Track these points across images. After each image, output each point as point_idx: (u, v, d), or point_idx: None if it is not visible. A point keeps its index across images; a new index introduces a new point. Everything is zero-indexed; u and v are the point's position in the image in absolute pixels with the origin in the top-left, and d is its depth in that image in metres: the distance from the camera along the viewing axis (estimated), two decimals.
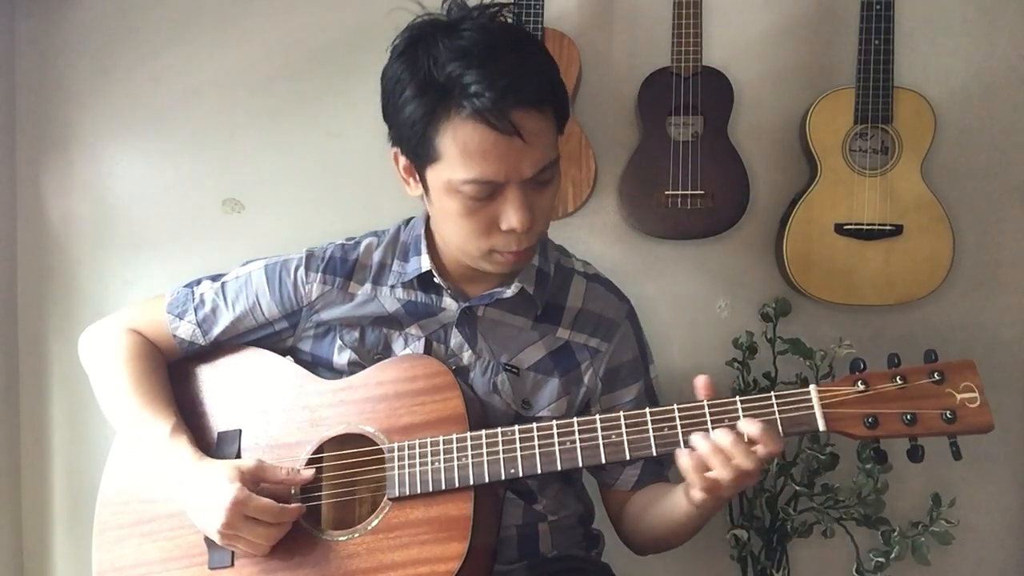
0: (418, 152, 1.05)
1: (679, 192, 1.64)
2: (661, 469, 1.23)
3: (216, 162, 1.81)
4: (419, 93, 1.01)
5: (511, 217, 1.03)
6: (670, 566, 1.75)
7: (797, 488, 1.63)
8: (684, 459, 0.96)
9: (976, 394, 0.94)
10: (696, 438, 0.96)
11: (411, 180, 1.11)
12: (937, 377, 0.95)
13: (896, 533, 1.59)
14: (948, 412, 0.94)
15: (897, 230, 1.61)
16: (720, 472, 0.94)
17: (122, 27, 1.80)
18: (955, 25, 1.72)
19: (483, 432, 1.04)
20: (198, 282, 1.26)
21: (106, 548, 1.17)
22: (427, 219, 1.20)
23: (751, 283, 1.76)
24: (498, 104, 0.97)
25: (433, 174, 1.05)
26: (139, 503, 1.17)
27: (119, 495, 1.19)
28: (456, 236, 1.09)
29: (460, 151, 1.00)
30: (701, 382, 1.00)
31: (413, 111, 1.02)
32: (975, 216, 1.73)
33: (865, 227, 1.62)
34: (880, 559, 1.60)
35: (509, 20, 1.07)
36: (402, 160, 1.10)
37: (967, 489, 1.71)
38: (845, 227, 1.62)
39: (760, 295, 1.74)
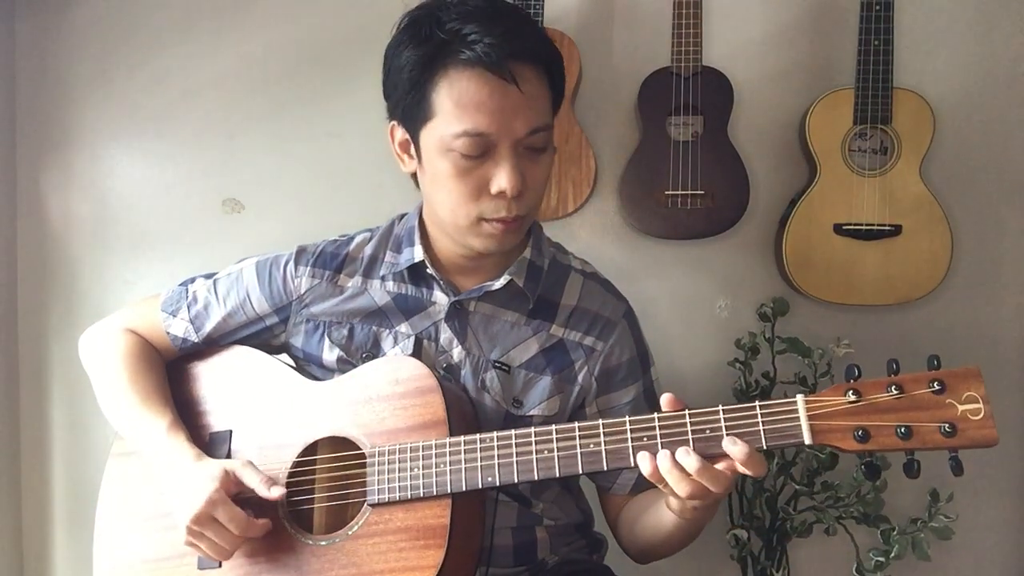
0: (413, 113, 1.06)
1: (679, 192, 1.64)
2: None
3: (216, 162, 1.81)
4: (418, 48, 1.03)
5: (501, 178, 1.03)
6: (669, 566, 1.75)
7: (797, 487, 1.63)
8: (643, 462, 0.93)
9: (980, 405, 0.87)
10: (661, 457, 0.92)
11: (405, 156, 1.12)
12: (937, 386, 0.89)
13: (896, 532, 1.59)
14: (947, 425, 0.87)
15: (896, 230, 1.62)
16: (677, 487, 0.91)
17: (122, 27, 1.80)
18: (955, 25, 1.72)
19: (462, 439, 1.03)
20: (192, 280, 1.26)
21: (107, 544, 1.18)
22: (420, 212, 1.20)
23: (751, 283, 1.76)
24: (496, 50, 0.99)
25: (427, 135, 1.06)
26: (138, 502, 1.18)
27: (119, 493, 1.20)
28: (446, 203, 1.08)
29: (455, 103, 1.02)
30: (666, 399, 0.96)
31: (411, 63, 1.04)
32: (974, 216, 1.73)
33: (864, 227, 1.62)
34: (880, 558, 1.60)
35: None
36: (398, 133, 1.11)
37: (965, 484, 1.71)
38: (844, 227, 1.62)
39: (760, 295, 1.74)
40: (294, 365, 1.24)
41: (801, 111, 1.69)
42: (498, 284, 1.15)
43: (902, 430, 0.88)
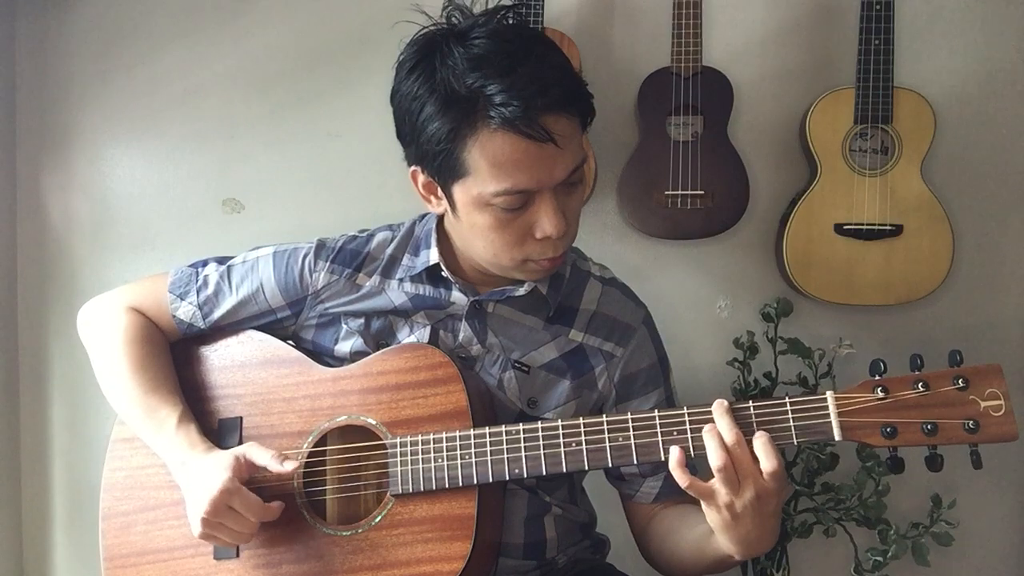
0: (443, 170, 1.03)
1: (679, 192, 1.64)
2: None
3: (216, 162, 1.81)
4: (442, 108, 0.99)
5: (546, 224, 1.02)
6: None
7: (797, 488, 1.63)
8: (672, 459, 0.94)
9: (1001, 401, 0.89)
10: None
11: (432, 197, 1.10)
12: (961, 383, 0.90)
13: (893, 532, 1.59)
14: (971, 422, 0.88)
15: (897, 230, 1.61)
16: (712, 456, 0.92)
17: (122, 27, 1.80)
18: (955, 25, 1.72)
19: (487, 430, 1.03)
20: (204, 263, 1.24)
21: (112, 534, 1.16)
22: (441, 216, 1.18)
23: (751, 283, 1.76)
24: (528, 112, 0.96)
25: (461, 190, 1.03)
26: (143, 490, 1.16)
27: (124, 480, 1.18)
28: (487, 250, 1.07)
29: (490, 163, 0.99)
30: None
31: (438, 129, 1.00)
32: (975, 216, 1.73)
33: (865, 227, 1.62)
34: (878, 559, 1.59)
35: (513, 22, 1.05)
36: (422, 178, 1.08)
37: (968, 491, 1.71)
38: (845, 227, 1.62)
39: (760, 295, 1.74)
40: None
41: (801, 111, 1.69)
42: (522, 291, 1.14)
43: (928, 427, 0.90)
